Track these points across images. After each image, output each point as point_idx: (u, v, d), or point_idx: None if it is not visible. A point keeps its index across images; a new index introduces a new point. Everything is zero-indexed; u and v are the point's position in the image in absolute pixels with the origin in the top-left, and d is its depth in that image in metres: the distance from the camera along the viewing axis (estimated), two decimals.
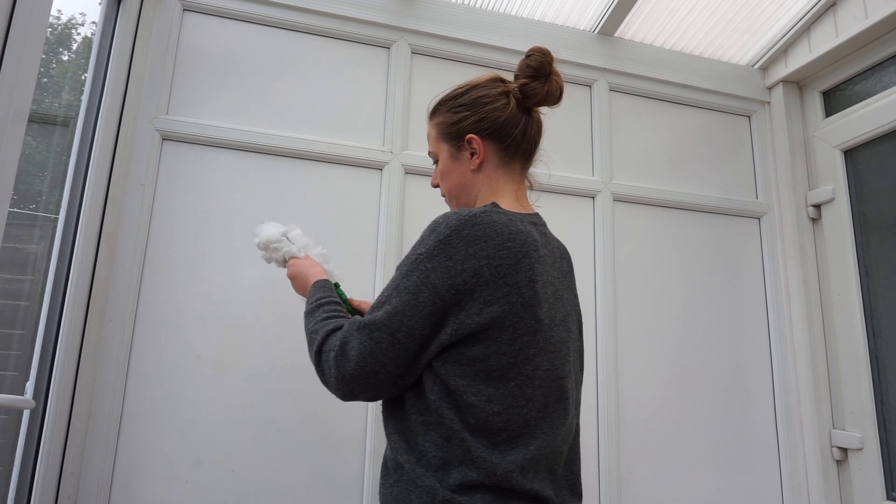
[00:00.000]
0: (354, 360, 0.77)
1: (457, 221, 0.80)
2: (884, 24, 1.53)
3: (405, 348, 0.78)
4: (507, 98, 0.91)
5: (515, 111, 0.91)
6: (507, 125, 0.90)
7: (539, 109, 0.95)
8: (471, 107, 0.92)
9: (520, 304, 0.79)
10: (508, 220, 0.82)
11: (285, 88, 1.48)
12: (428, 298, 0.77)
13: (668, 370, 1.62)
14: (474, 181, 0.93)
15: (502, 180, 0.93)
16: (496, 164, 0.92)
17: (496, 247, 0.79)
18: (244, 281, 1.35)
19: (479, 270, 0.77)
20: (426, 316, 0.77)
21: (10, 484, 1.11)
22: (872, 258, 1.60)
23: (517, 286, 0.79)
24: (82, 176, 1.24)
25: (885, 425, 1.52)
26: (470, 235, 0.79)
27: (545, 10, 1.69)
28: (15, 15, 0.77)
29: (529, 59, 0.90)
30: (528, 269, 0.80)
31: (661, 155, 1.77)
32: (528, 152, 0.95)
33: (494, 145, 0.92)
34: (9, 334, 1.22)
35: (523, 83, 0.90)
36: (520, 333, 0.79)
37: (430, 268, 0.78)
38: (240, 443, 1.28)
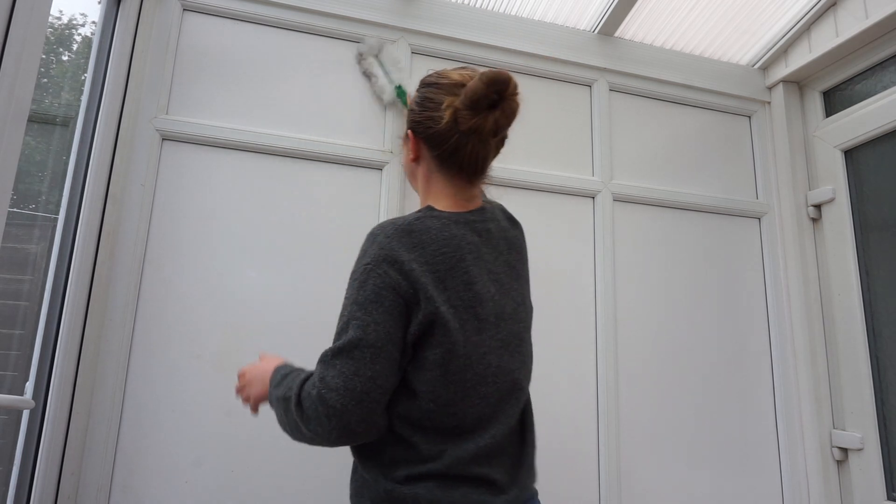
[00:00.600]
0: (342, 387, 0.73)
1: (393, 230, 0.81)
2: (884, 24, 1.52)
3: (389, 356, 0.76)
4: (449, 112, 0.85)
5: (448, 127, 0.85)
6: (437, 137, 0.87)
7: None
8: (419, 103, 0.90)
9: (461, 306, 0.80)
10: (442, 226, 0.83)
11: (285, 88, 1.48)
12: (393, 300, 0.77)
13: (667, 370, 1.62)
14: (416, 172, 0.95)
15: (440, 183, 0.91)
16: (432, 167, 0.91)
17: (432, 253, 0.80)
18: (244, 281, 1.35)
19: (421, 276, 0.78)
20: (396, 317, 0.77)
21: (10, 484, 1.11)
22: (872, 258, 1.60)
23: (456, 290, 0.80)
24: (82, 176, 1.24)
25: (886, 425, 1.52)
26: (408, 244, 0.80)
27: (545, 10, 1.69)
28: (15, 15, 0.77)
29: (471, 85, 0.82)
30: (464, 272, 0.82)
31: (661, 155, 1.77)
32: (462, 168, 0.89)
33: (428, 149, 0.90)
34: (9, 334, 1.22)
35: (458, 107, 0.84)
36: (468, 334, 0.80)
37: (383, 273, 0.78)
38: (240, 443, 1.28)
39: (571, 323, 1.57)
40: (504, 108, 0.84)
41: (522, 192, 1.60)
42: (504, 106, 0.83)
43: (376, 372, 0.74)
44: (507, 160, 1.60)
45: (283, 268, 1.39)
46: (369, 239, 0.82)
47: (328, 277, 1.40)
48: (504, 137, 0.93)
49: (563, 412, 1.51)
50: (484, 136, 0.86)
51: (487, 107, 0.83)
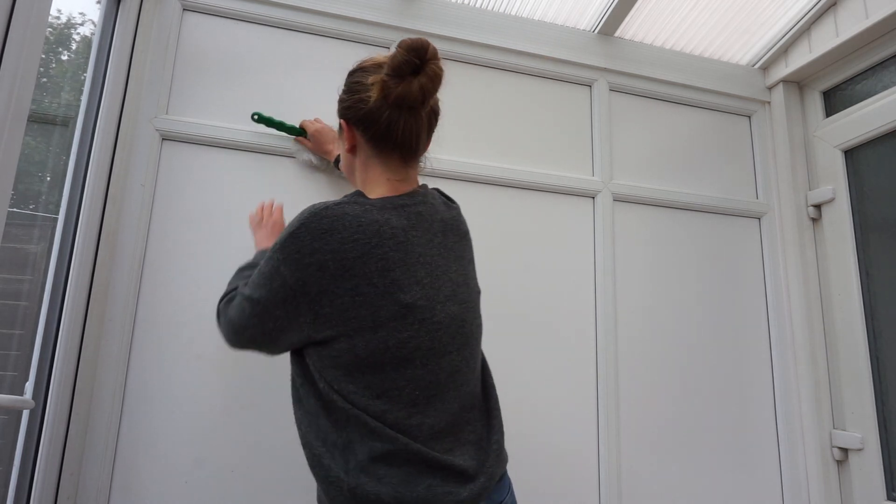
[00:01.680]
0: (229, 317, 0.90)
1: (307, 215, 0.82)
2: (884, 23, 1.52)
3: (262, 323, 0.84)
4: (376, 90, 0.86)
5: (378, 104, 0.86)
6: (368, 117, 0.88)
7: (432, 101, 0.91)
8: (348, 90, 0.92)
9: (374, 293, 0.80)
10: (362, 212, 0.83)
11: (285, 88, 1.48)
12: (280, 287, 0.82)
13: (667, 370, 1.62)
14: (352, 163, 0.96)
15: (377, 169, 0.91)
16: (368, 154, 0.92)
17: (341, 240, 0.80)
18: None
19: (324, 264, 0.79)
20: (279, 301, 0.82)
21: (10, 484, 1.11)
22: (872, 258, 1.60)
23: (367, 276, 0.80)
24: (82, 176, 1.24)
25: (886, 425, 1.52)
26: (317, 229, 0.81)
27: (545, 10, 1.69)
28: (15, 15, 0.77)
29: (392, 55, 0.84)
30: (380, 259, 0.81)
31: (661, 155, 1.77)
32: (398, 145, 0.90)
33: (361, 134, 0.91)
34: (8, 334, 1.22)
35: (383, 79, 0.85)
36: (383, 320, 0.80)
37: (281, 259, 0.82)
38: (240, 443, 1.28)
39: (571, 323, 1.57)
40: (427, 72, 0.84)
41: (522, 192, 1.60)
42: (427, 69, 0.84)
43: (250, 325, 0.86)
44: (507, 160, 1.60)
45: None
46: (295, 218, 0.84)
47: None
48: (436, 112, 0.94)
49: (563, 412, 1.51)
50: (412, 104, 0.86)
51: (411, 72, 0.84)
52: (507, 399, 1.47)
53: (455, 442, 0.85)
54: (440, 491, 0.79)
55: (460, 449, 0.85)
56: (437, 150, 1.56)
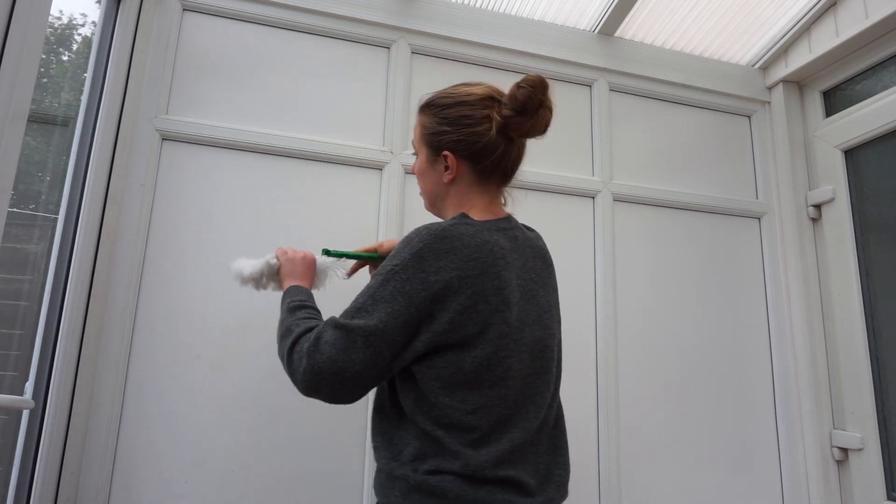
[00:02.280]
0: (327, 354, 0.79)
1: (428, 236, 0.83)
2: (884, 24, 1.52)
3: (378, 352, 0.80)
4: (490, 123, 0.90)
5: (495, 138, 0.90)
6: (484, 150, 0.91)
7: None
8: (453, 123, 0.91)
9: (488, 310, 0.82)
10: (475, 232, 0.85)
11: (285, 88, 1.48)
12: (403, 307, 0.80)
13: (668, 370, 1.62)
14: (448, 192, 0.95)
15: (475, 196, 0.94)
16: (470, 182, 0.93)
17: (464, 258, 0.82)
18: None
19: (449, 282, 0.81)
20: (401, 324, 0.80)
21: (10, 484, 1.11)
22: (872, 258, 1.60)
23: (484, 294, 0.82)
24: (82, 176, 1.24)
25: (886, 425, 1.52)
26: (440, 249, 0.82)
27: (545, 10, 1.69)
28: (15, 15, 0.77)
29: (519, 91, 0.88)
30: (495, 277, 0.83)
31: (661, 155, 1.77)
32: (505, 174, 0.95)
33: (470, 165, 0.92)
34: (8, 334, 1.22)
35: (507, 115, 0.89)
36: (490, 337, 0.83)
37: (406, 279, 0.81)
38: (240, 443, 1.28)
39: (571, 323, 1.56)
40: (547, 106, 0.89)
41: (522, 192, 1.59)
42: (546, 104, 0.89)
43: (360, 359, 0.79)
44: None
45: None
46: (405, 242, 0.84)
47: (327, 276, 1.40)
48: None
49: None
50: (535, 135, 0.92)
51: (536, 108, 0.88)
52: None
53: (521, 462, 0.86)
54: (500, 497, 0.81)
55: (523, 467, 0.86)
56: None
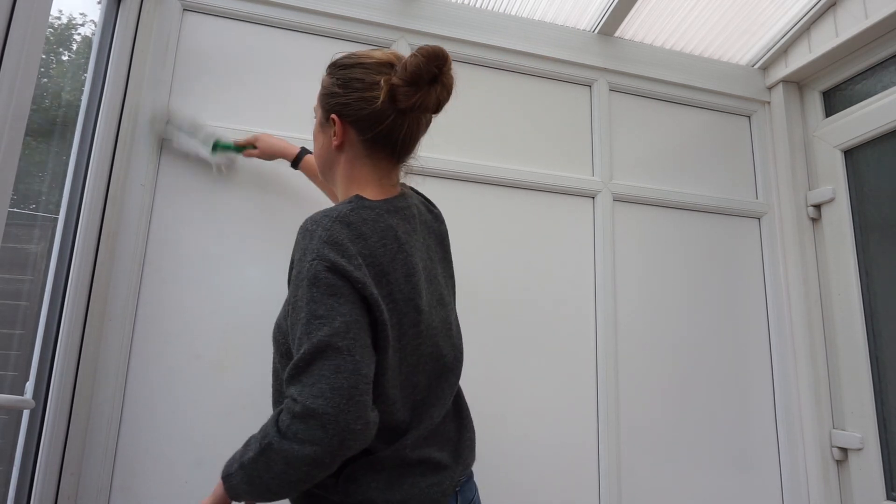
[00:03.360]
0: (327, 389, 0.67)
1: (331, 221, 0.76)
2: (884, 24, 1.53)
3: (364, 343, 0.72)
4: (380, 91, 0.81)
5: (383, 107, 0.82)
6: (370, 118, 0.83)
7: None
8: (344, 85, 0.85)
9: (402, 299, 0.79)
10: (377, 216, 0.81)
11: (285, 88, 1.48)
12: (350, 289, 0.72)
13: (668, 370, 1.62)
14: (337, 159, 0.89)
15: (366, 168, 0.87)
16: (357, 152, 0.87)
17: (374, 244, 0.78)
18: (244, 281, 1.35)
19: (364, 268, 0.75)
20: (359, 305, 0.73)
21: (10, 484, 1.11)
22: (872, 258, 1.60)
23: (397, 283, 0.78)
24: (82, 176, 1.24)
25: (886, 425, 1.52)
26: (350, 235, 0.76)
27: (545, 10, 1.69)
28: (15, 15, 0.77)
29: (411, 59, 0.79)
30: (403, 264, 0.80)
31: (661, 155, 1.77)
32: (395, 150, 0.87)
33: (355, 133, 0.86)
34: (9, 334, 1.22)
35: (395, 84, 0.80)
36: (406, 328, 0.79)
37: (332, 264, 0.72)
38: (240, 443, 1.28)
39: (571, 323, 1.57)
40: (444, 82, 0.81)
41: (522, 192, 1.60)
42: (443, 80, 0.81)
43: (357, 363, 0.69)
44: (506, 160, 1.60)
45: (282, 268, 1.38)
46: (305, 235, 0.76)
47: None
48: (430, 119, 0.91)
49: (563, 412, 1.51)
50: (426, 113, 0.84)
51: (428, 82, 0.80)
52: (506, 399, 1.47)
53: (434, 441, 0.85)
54: (423, 484, 0.79)
55: (438, 446, 0.85)
56: (438, 150, 1.56)
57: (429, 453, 0.82)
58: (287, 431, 0.68)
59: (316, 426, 0.66)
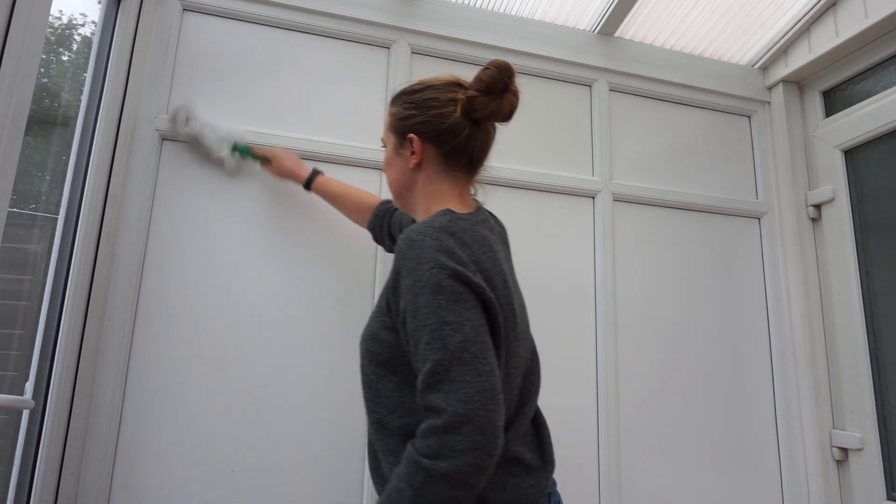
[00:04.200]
0: (474, 393, 0.67)
1: (436, 231, 0.79)
2: (884, 24, 1.52)
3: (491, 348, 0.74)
4: (455, 106, 0.90)
5: (459, 120, 0.90)
6: (448, 132, 0.90)
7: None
8: (419, 107, 0.92)
9: (504, 303, 0.81)
10: (472, 226, 0.85)
11: (285, 88, 1.48)
12: (470, 294, 0.75)
13: (667, 370, 1.62)
14: (415, 179, 0.94)
15: (445, 183, 0.93)
16: (436, 168, 0.93)
17: (477, 251, 0.81)
18: (244, 281, 1.35)
19: (479, 273, 0.79)
20: (481, 310, 0.75)
21: (10, 484, 1.11)
22: (872, 258, 1.60)
23: (499, 288, 0.81)
24: (82, 176, 1.24)
25: (886, 425, 1.52)
26: (456, 242, 0.79)
27: (545, 10, 1.69)
28: (15, 15, 0.77)
29: (484, 72, 0.88)
30: (499, 270, 0.83)
31: (662, 155, 1.77)
32: (471, 161, 0.94)
33: (434, 149, 0.92)
34: (9, 334, 1.22)
35: (472, 96, 0.89)
36: (508, 329, 0.82)
37: (451, 270, 0.75)
38: (240, 443, 1.28)
39: (571, 323, 1.57)
40: (513, 90, 0.89)
41: (522, 192, 1.60)
42: (512, 88, 0.89)
43: (491, 365, 0.72)
44: (506, 160, 1.60)
45: (283, 268, 1.39)
46: (413, 245, 0.78)
47: (328, 277, 1.40)
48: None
49: (563, 412, 1.50)
50: (499, 120, 0.91)
51: (501, 91, 0.88)
52: None
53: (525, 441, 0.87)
54: (524, 486, 0.81)
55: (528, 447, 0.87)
56: None
57: (522, 453, 0.84)
58: (442, 450, 0.67)
59: (472, 431, 0.66)
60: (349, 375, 1.37)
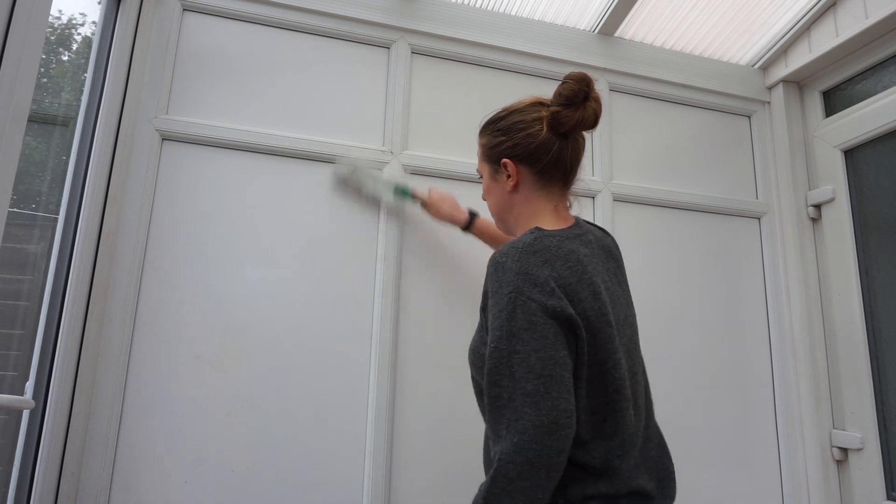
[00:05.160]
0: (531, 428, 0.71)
1: (519, 252, 0.82)
2: (884, 24, 1.52)
3: (561, 379, 0.75)
4: (541, 124, 0.92)
5: (548, 136, 0.92)
6: (539, 150, 0.92)
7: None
8: (507, 132, 0.95)
9: (593, 315, 0.81)
10: (559, 243, 0.85)
11: (285, 88, 1.48)
12: (545, 323, 0.76)
13: (668, 370, 1.62)
14: (513, 201, 0.97)
15: (542, 200, 0.96)
16: (532, 187, 0.95)
17: (561, 268, 0.82)
18: (244, 281, 1.35)
19: (556, 290, 0.79)
20: (552, 339, 0.76)
21: (10, 484, 1.11)
22: (872, 258, 1.60)
23: (587, 301, 0.81)
24: (82, 176, 1.24)
25: (886, 425, 1.52)
26: (538, 261, 0.81)
27: (545, 10, 1.69)
28: (15, 15, 0.77)
29: (563, 86, 0.91)
30: (589, 283, 0.83)
31: (661, 155, 1.77)
32: (565, 173, 0.96)
33: (528, 169, 0.94)
34: (9, 334, 1.22)
35: (555, 111, 0.91)
36: (601, 343, 0.81)
37: (528, 297, 0.77)
38: (240, 443, 1.28)
39: None
40: (594, 97, 0.92)
41: None
42: (593, 95, 0.92)
43: (556, 400, 0.73)
44: None
45: (283, 268, 1.39)
46: (497, 268, 0.82)
47: (328, 277, 1.40)
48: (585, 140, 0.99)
49: None
50: (586, 129, 0.93)
51: (583, 100, 0.90)
52: None
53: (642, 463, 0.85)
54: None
55: (647, 470, 0.85)
56: (438, 150, 1.56)
57: (643, 484, 0.82)
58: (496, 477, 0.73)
59: (523, 463, 0.71)
60: (349, 375, 1.37)
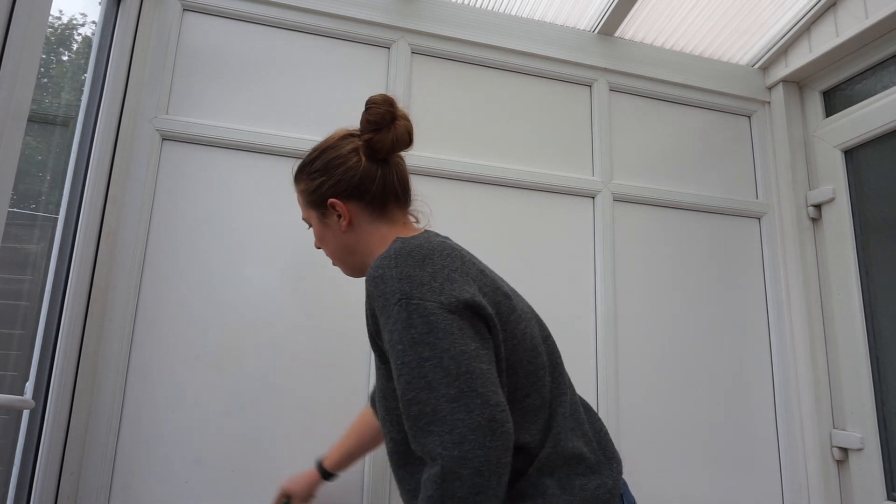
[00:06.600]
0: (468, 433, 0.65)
1: (393, 259, 0.77)
2: (884, 24, 1.52)
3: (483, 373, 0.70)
4: (358, 155, 0.89)
5: (368, 166, 0.89)
6: (364, 182, 0.89)
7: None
8: (325, 171, 0.90)
9: (490, 292, 0.80)
10: (427, 239, 0.83)
11: (285, 88, 1.48)
12: (443, 316, 0.71)
13: (668, 370, 1.62)
14: (352, 240, 0.92)
15: (384, 227, 0.91)
16: (368, 219, 0.91)
17: (440, 260, 0.79)
18: (244, 281, 1.35)
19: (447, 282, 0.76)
20: (459, 333, 0.71)
21: (10, 484, 1.11)
22: (872, 258, 1.60)
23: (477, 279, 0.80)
24: (82, 176, 1.24)
25: (886, 425, 1.52)
26: (415, 261, 0.77)
27: (545, 10, 1.69)
28: (15, 15, 0.77)
29: (368, 112, 0.89)
30: (472, 264, 0.83)
31: (661, 155, 1.77)
32: (397, 196, 0.92)
33: (358, 203, 0.90)
34: (9, 334, 1.22)
35: (368, 138, 0.89)
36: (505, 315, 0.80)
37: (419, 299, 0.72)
38: (240, 443, 1.28)
39: (571, 323, 1.57)
40: (402, 116, 0.90)
41: (522, 192, 1.60)
42: (400, 114, 0.90)
43: (484, 395, 0.67)
44: (506, 160, 1.60)
45: (282, 268, 1.39)
46: (377, 282, 0.76)
47: (328, 277, 1.40)
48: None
49: None
50: (403, 148, 0.90)
51: (391, 121, 0.88)
52: None
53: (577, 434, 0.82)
54: (591, 486, 0.77)
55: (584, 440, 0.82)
56: (438, 150, 1.56)
57: (579, 448, 0.78)
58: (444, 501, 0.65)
59: (471, 474, 0.64)
60: (349, 375, 1.37)
